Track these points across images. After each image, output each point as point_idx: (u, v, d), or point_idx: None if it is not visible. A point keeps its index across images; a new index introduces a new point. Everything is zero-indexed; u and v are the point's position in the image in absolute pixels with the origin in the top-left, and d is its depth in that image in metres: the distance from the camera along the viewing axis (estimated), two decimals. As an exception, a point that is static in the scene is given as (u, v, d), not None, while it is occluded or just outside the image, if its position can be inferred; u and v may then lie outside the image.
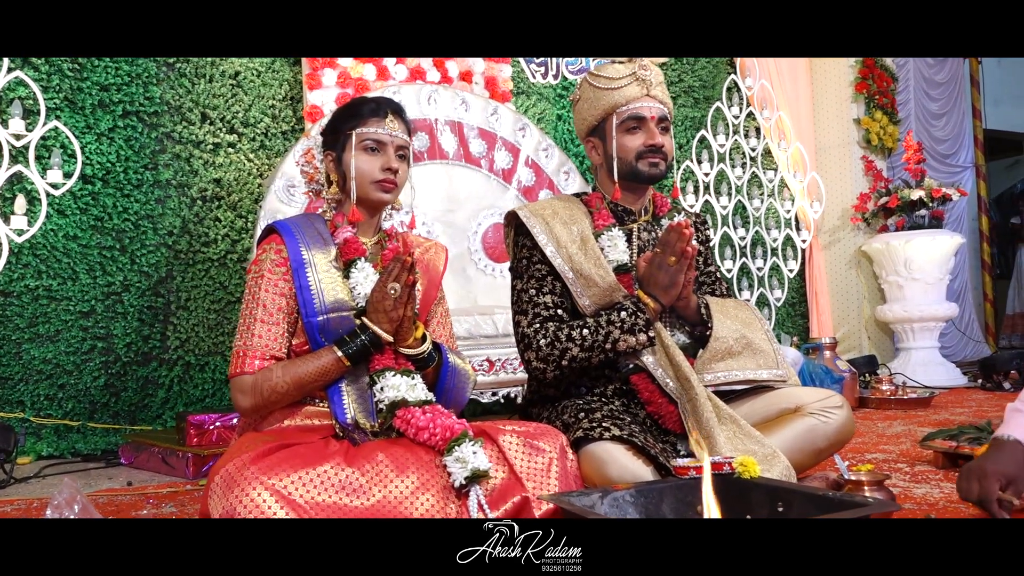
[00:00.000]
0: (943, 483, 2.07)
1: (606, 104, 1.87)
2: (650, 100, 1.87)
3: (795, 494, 1.31)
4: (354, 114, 1.70)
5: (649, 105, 1.86)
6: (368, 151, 1.67)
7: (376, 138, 1.67)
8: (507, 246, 2.01)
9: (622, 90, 1.86)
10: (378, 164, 1.67)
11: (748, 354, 1.86)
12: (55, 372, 3.26)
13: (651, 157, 1.87)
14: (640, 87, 1.86)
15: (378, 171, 1.66)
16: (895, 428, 3.12)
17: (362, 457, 1.42)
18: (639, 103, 1.86)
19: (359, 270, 1.65)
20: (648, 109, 1.86)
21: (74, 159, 3.16)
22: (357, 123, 1.68)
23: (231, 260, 3.67)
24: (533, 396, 1.95)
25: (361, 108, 1.71)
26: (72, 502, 1.36)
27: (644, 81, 1.86)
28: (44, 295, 3.25)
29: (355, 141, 1.67)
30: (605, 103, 1.87)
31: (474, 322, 3.36)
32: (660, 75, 1.91)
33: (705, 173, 4.96)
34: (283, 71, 3.87)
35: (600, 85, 1.88)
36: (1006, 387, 4.36)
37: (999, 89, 7.50)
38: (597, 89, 1.89)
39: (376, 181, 1.67)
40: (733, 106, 5.15)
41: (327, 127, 1.75)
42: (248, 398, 1.55)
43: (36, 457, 3.10)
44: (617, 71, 1.87)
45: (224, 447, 2.72)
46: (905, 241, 5.05)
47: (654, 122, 1.87)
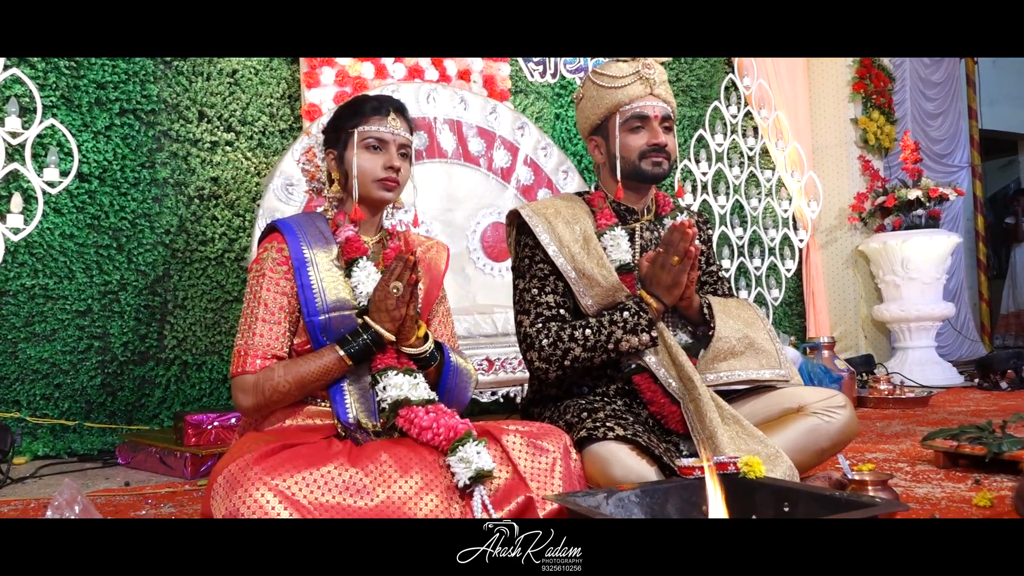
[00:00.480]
0: (944, 483, 2.07)
1: (609, 103, 1.87)
2: (653, 99, 1.86)
3: (801, 494, 1.31)
4: (356, 112, 1.69)
5: (652, 104, 1.86)
6: (370, 149, 1.66)
7: (378, 136, 1.66)
8: (509, 245, 2.00)
9: (625, 89, 1.85)
10: (380, 162, 1.66)
11: (751, 354, 1.86)
12: (51, 371, 3.24)
13: (654, 156, 1.86)
14: (643, 86, 1.85)
15: (380, 169, 1.65)
16: (894, 428, 3.12)
17: (365, 457, 1.41)
18: (642, 102, 1.85)
19: (361, 269, 1.64)
20: (651, 108, 1.85)
21: (71, 157, 3.14)
22: (359, 121, 1.67)
23: (228, 259, 3.65)
24: (534, 396, 1.95)
25: (363, 106, 1.70)
26: (73, 503, 1.35)
27: (647, 80, 1.86)
28: (40, 294, 3.23)
29: (357, 139, 1.66)
30: (608, 102, 1.87)
31: (473, 321, 3.35)
32: (663, 74, 1.90)
33: (703, 172, 4.96)
34: (281, 69, 3.85)
35: (603, 84, 1.88)
36: (1003, 386, 4.37)
37: (995, 89, 7.51)
38: (600, 88, 1.88)
39: (378, 179, 1.66)
40: (731, 105, 5.15)
41: (329, 125, 1.74)
42: (250, 398, 1.54)
43: (32, 457, 3.08)
44: (620, 70, 1.87)
45: (222, 447, 2.71)
46: (902, 241, 5.06)
47: (657, 121, 1.86)
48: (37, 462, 3.03)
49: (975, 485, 2.01)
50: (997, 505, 1.78)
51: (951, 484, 2.05)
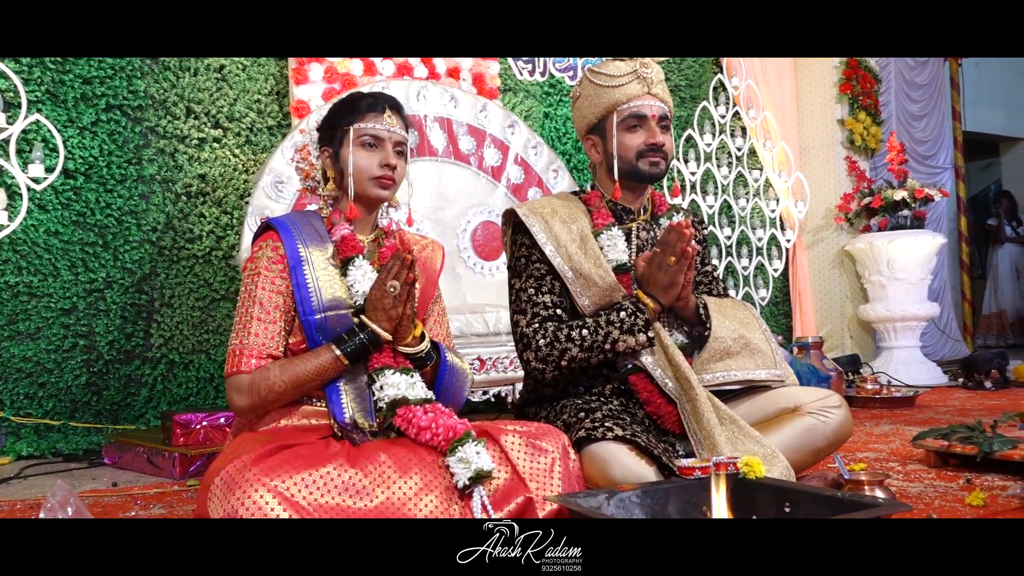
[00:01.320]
0: (937, 482, 2.08)
1: (607, 102, 1.86)
2: (651, 98, 1.86)
3: (803, 494, 1.31)
4: (351, 109, 1.67)
5: (650, 103, 1.85)
6: (366, 147, 1.64)
7: (374, 134, 1.64)
8: (505, 244, 1.99)
9: (623, 88, 1.85)
10: (376, 160, 1.64)
11: (746, 354, 1.86)
12: (35, 370, 3.19)
13: (652, 156, 1.86)
14: (641, 85, 1.85)
15: (376, 167, 1.64)
16: (883, 427, 3.14)
17: (364, 458, 1.40)
18: (640, 101, 1.85)
19: (357, 268, 1.63)
20: (649, 107, 1.85)
21: (56, 153, 3.10)
22: (354, 118, 1.65)
23: (216, 257, 3.62)
24: (530, 395, 1.94)
25: (358, 103, 1.68)
26: (66, 504, 1.33)
27: (645, 79, 1.85)
28: (24, 292, 3.18)
29: (353, 137, 1.64)
30: (606, 101, 1.86)
31: (465, 320, 3.34)
32: (661, 73, 1.90)
33: (692, 172, 4.97)
34: (268, 65, 3.82)
35: (601, 83, 1.87)
36: (987, 386, 4.41)
37: (976, 91, 7.59)
38: (598, 87, 1.87)
39: (374, 177, 1.64)
40: (720, 106, 5.17)
41: (323, 122, 1.72)
42: (245, 397, 1.52)
43: (16, 457, 3.04)
44: (618, 68, 1.86)
45: (211, 447, 2.68)
46: (888, 241, 5.09)
47: (655, 120, 1.86)
48: (21, 462, 2.98)
49: (967, 484, 2.02)
50: (990, 504, 1.79)
51: (943, 483, 2.06)
